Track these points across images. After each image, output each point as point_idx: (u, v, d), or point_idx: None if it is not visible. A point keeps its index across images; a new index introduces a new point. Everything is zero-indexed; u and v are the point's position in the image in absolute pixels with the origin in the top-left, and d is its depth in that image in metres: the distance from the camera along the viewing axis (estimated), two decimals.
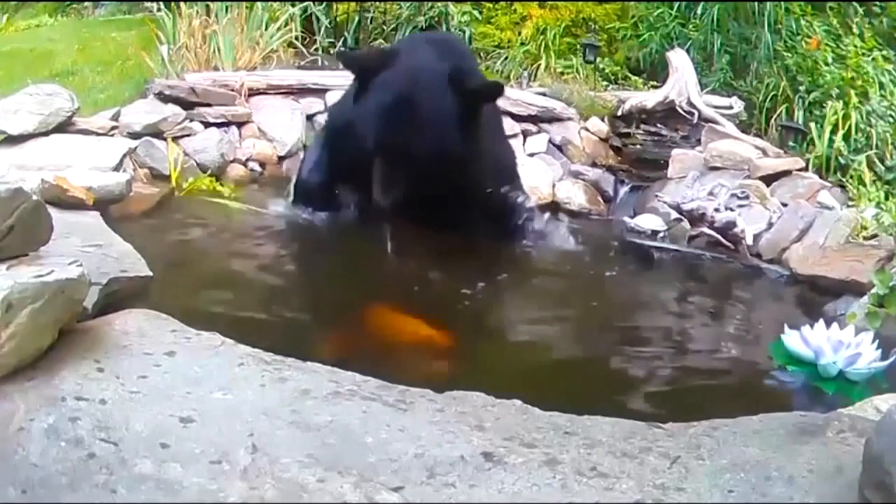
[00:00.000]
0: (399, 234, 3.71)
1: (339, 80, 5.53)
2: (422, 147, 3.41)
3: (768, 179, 4.76)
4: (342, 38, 6.22)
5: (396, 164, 3.47)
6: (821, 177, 4.94)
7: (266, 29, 5.70)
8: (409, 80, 3.51)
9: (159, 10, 5.74)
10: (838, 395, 2.16)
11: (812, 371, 2.21)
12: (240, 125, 5.04)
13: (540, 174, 5.10)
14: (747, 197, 4.40)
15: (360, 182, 3.63)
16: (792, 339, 2.21)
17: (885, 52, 6.05)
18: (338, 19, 6.31)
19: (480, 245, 4.05)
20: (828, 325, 2.26)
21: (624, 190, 5.25)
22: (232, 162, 4.86)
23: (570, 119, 5.65)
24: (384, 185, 3.48)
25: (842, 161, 5.07)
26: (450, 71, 3.55)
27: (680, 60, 5.84)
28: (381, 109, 3.48)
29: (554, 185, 5.17)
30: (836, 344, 2.19)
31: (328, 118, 4.40)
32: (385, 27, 6.24)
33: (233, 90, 5.11)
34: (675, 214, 4.41)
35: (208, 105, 4.91)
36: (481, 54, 6.21)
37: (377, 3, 6.31)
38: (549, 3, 6.77)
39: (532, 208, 4.26)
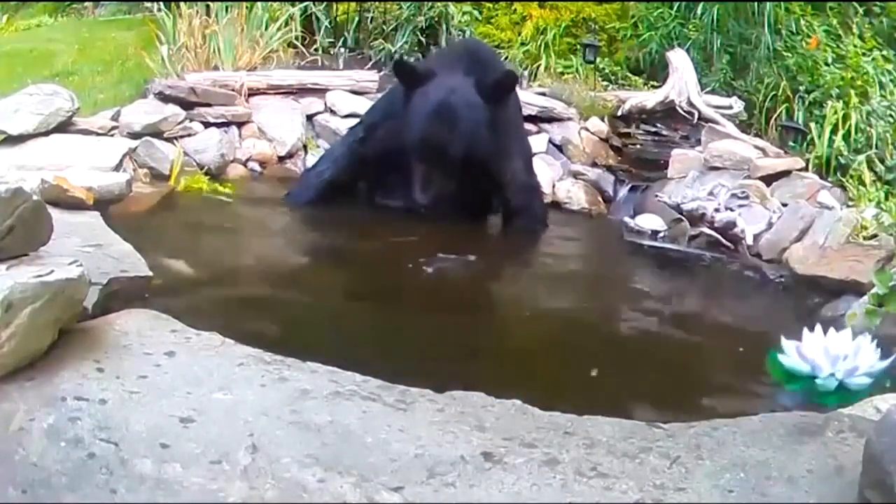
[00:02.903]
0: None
1: (339, 80, 5.56)
2: (458, 147, 3.98)
3: (768, 179, 4.76)
4: (342, 38, 6.22)
5: (435, 165, 4.02)
6: (821, 177, 4.94)
7: (266, 29, 5.70)
8: (447, 93, 4.06)
9: (159, 10, 5.74)
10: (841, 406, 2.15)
11: (810, 386, 2.18)
12: (240, 125, 5.04)
13: (540, 174, 5.11)
14: (747, 197, 4.40)
15: (389, 178, 4.23)
16: (788, 357, 2.18)
17: (885, 52, 6.05)
18: (338, 19, 6.31)
19: (487, 237, 4.23)
20: (825, 327, 2.23)
21: (624, 190, 5.25)
22: (232, 162, 4.86)
23: (570, 119, 5.65)
24: (424, 184, 4.06)
25: (842, 161, 5.07)
26: (476, 79, 4.11)
27: (680, 60, 5.84)
28: (422, 117, 4.04)
29: (554, 185, 5.18)
30: (834, 358, 2.16)
31: (363, 119, 4.68)
32: (385, 27, 6.23)
33: (233, 90, 5.12)
34: (675, 214, 4.41)
35: (208, 105, 4.91)
36: None
37: (377, 3, 6.30)
38: (549, 3, 6.77)
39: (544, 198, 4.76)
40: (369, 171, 4.39)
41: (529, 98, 5.48)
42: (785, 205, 4.44)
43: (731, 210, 4.26)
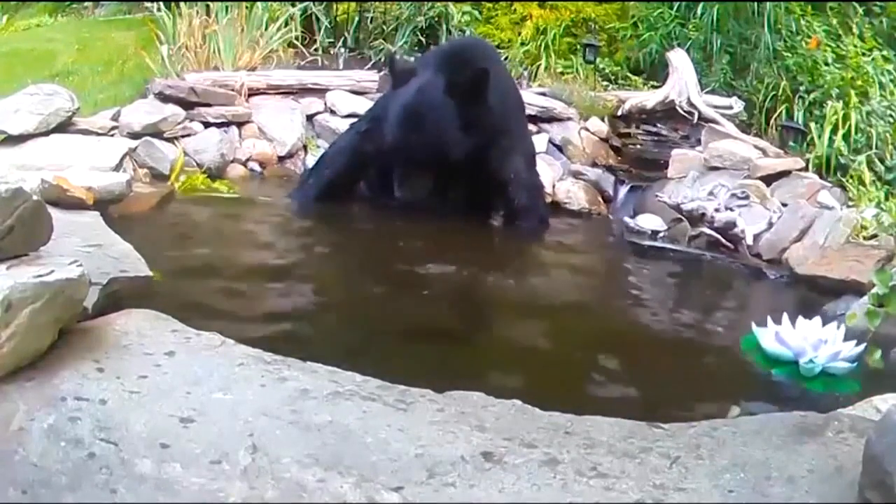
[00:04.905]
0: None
1: (339, 80, 5.56)
2: (426, 149, 4.04)
3: (768, 179, 4.76)
4: (342, 38, 6.22)
5: (410, 166, 4.12)
6: (821, 177, 4.93)
7: (266, 29, 5.70)
8: (414, 95, 4.13)
9: (159, 10, 5.74)
10: (828, 392, 2.17)
11: (794, 371, 2.21)
12: (240, 125, 5.04)
13: (540, 174, 5.11)
14: (747, 197, 4.40)
15: (391, 175, 4.22)
16: (768, 341, 2.22)
17: (885, 52, 6.05)
18: (338, 19, 6.31)
19: (487, 237, 4.27)
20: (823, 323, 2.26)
21: (624, 190, 5.25)
22: (232, 162, 4.86)
23: (570, 119, 5.65)
24: (402, 182, 4.14)
25: (842, 161, 5.07)
26: (446, 80, 4.12)
27: (680, 60, 5.84)
28: (392, 122, 4.13)
29: (554, 185, 5.17)
30: (817, 342, 2.20)
31: (366, 115, 4.70)
32: (385, 27, 6.23)
33: (233, 90, 5.12)
34: (675, 214, 4.41)
35: (208, 105, 4.91)
36: None
37: (377, 3, 6.30)
38: (549, 3, 6.77)
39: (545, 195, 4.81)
40: (372, 167, 4.39)
41: (529, 98, 5.47)
42: (785, 205, 4.44)
43: (731, 210, 4.27)
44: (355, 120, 4.81)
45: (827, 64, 5.78)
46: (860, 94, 5.50)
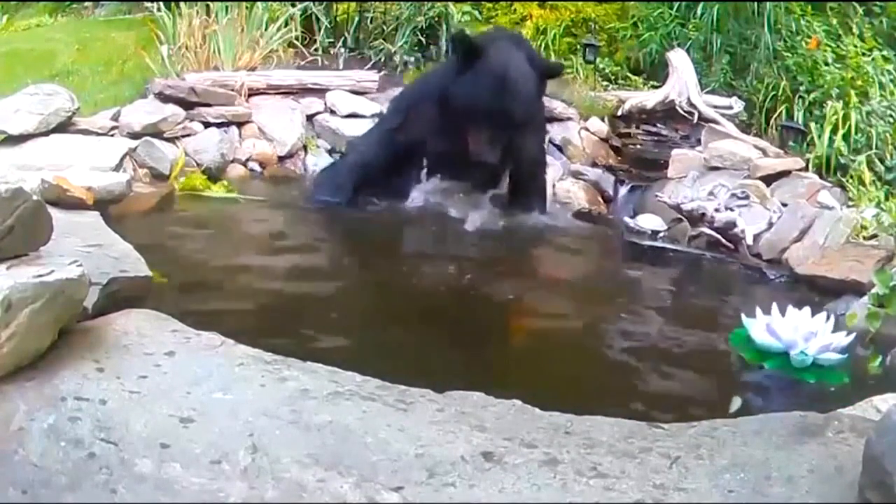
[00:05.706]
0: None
1: (339, 80, 5.56)
2: (515, 112, 4.24)
3: (768, 179, 4.76)
4: (342, 38, 6.22)
5: (493, 127, 4.22)
6: (821, 177, 4.93)
7: (266, 29, 5.70)
8: (505, 63, 4.29)
9: (159, 10, 5.74)
10: (820, 383, 2.19)
11: (784, 363, 2.22)
12: (240, 125, 5.04)
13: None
14: (747, 197, 4.40)
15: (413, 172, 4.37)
16: (759, 332, 2.22)
17: (885, 52, 6.04)
18: (338, 19, 6.31)
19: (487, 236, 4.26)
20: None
21: (624, 190, 5.24)
22: (232, 162, 4.86)
23: (570, 119, 5.64)
24: (491, 144, 4.24)
25: (842, 161, 5.06)
26: (527, 55, 4.46)
27: (680, 60, 5.84)
28: (487, 84, 4.21)
29: (554, 185, 5.17)
30: (808, 334, 2.21)
31: (397, 104, 4.74)
32: (385, 27, 6.23)
33: (233, 90, 5.12)
34: (675, 214, 4.40)
35: (208, 105, 4.91)
36: None
37: (377, 3, 6.30)
38: (549, 3, 6.77)
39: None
40: (403, 161, 4.42)
41: None
42: (785, 205, 4.44)
43: (731, 210, 4.26)
44: (381, 112, 4.87)
45: (827, 64, 5.78)
46: (860, 94, 5.49)
